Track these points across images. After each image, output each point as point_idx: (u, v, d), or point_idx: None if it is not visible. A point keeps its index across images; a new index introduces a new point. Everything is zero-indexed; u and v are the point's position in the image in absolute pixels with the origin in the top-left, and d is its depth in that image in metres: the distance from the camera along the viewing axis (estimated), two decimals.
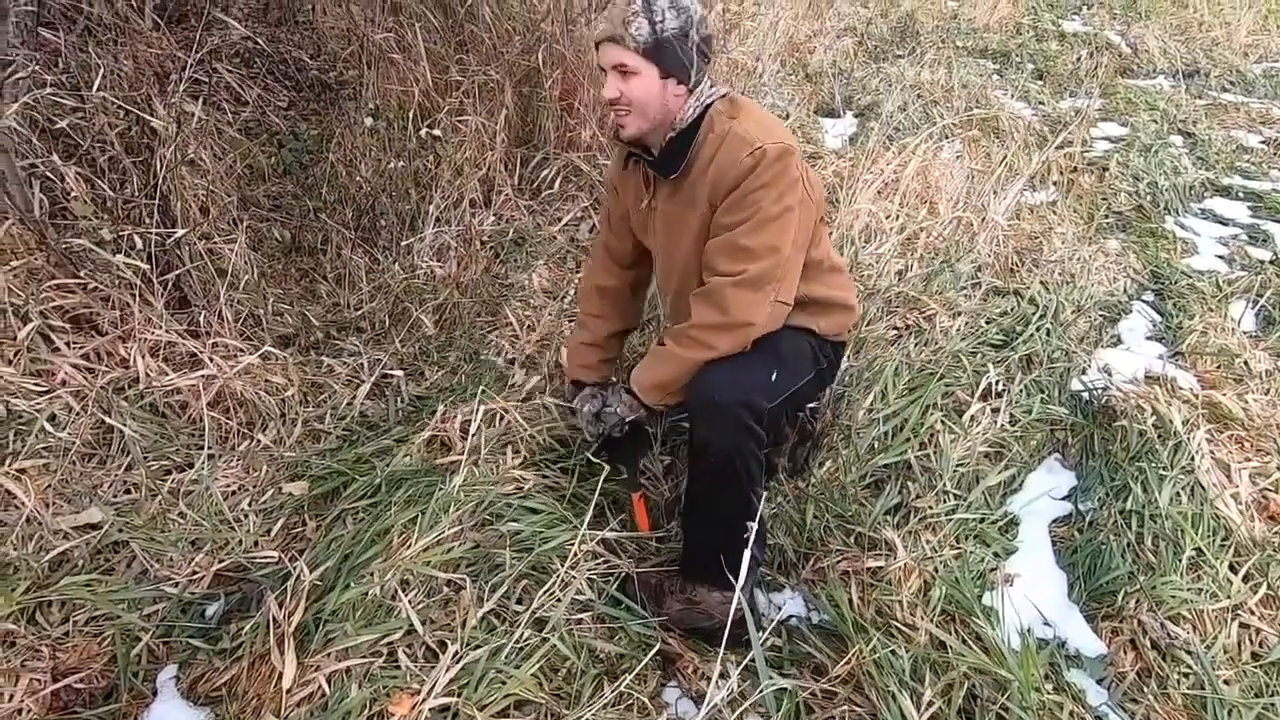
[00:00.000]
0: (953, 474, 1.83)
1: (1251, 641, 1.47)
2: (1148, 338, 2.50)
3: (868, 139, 3.41)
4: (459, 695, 1.26)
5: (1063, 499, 1.87)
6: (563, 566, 1.47)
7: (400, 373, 2.19)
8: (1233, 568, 1.59)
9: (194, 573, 1.60)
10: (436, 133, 2.90)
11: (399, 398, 2.12)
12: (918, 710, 1.31)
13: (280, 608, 1.38)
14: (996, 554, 1.68)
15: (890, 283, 2.46)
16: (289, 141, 2.97)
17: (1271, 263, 2.95)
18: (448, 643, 1.33)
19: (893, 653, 1.40)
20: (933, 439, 1.91)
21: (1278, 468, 1.83)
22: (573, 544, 1.51)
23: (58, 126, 2.06)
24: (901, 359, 2.11)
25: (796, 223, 1.44)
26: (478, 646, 1.32)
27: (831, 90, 4.41)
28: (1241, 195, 3.58)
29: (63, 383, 1.78)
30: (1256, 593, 1.54)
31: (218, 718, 1.33)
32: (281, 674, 1.29)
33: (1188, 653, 1.44)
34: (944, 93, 4.42)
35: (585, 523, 1.51)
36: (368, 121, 2.96)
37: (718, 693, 1.36)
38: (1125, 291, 2.74)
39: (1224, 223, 3.34)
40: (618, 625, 1.48)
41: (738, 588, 0.96)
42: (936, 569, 1.58)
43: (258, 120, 2.97)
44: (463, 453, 1.67)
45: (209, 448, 1.85)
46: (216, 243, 2.30)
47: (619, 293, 1.81)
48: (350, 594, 1.39)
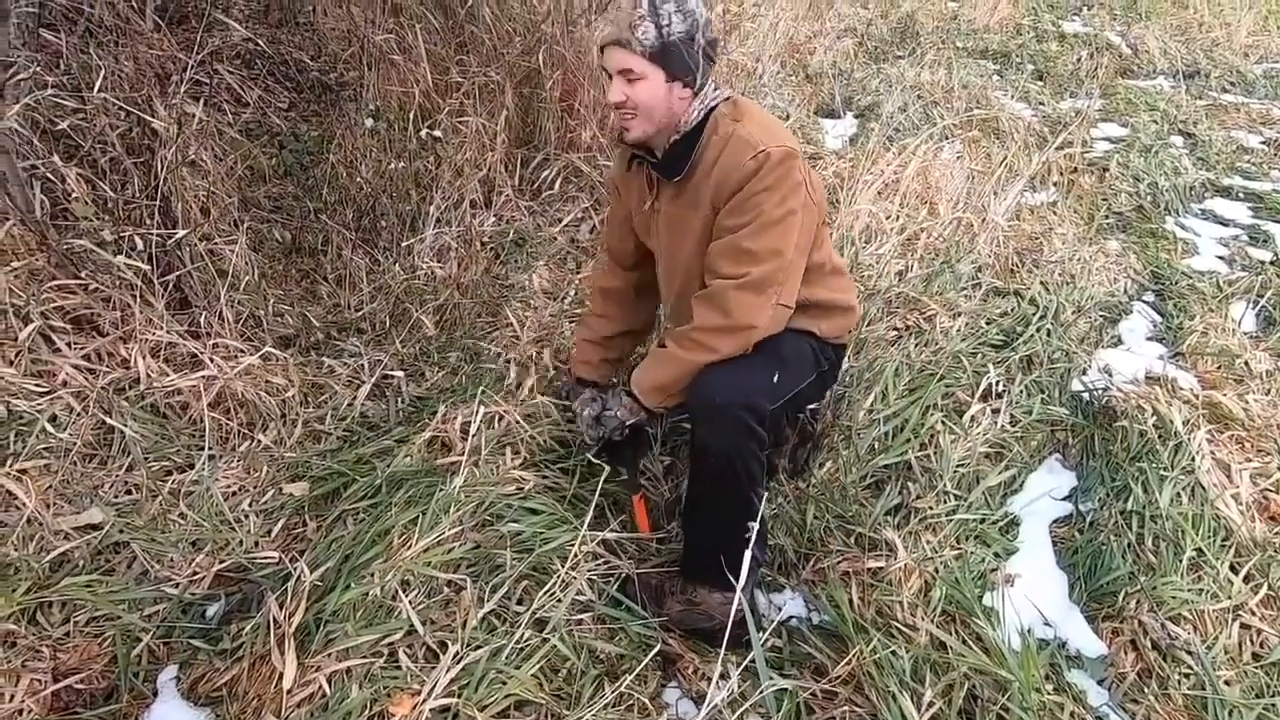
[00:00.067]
0: (953, 474, 1.83)
1: (1252, 642, 1.47)
2: (1148, 338, 2.50)
3: (868, 140, 3.41)
4: (459, 696, 1.26)
5: (1063, 499, 1.87)
6: (563, 567, 1.47)
7: (401, 373, 2.19)
8: (1233, 568, 1.59)
9: (195, 573, 1.60)
10: (437, 134, 2.90)
11: (399, 398, 2.12)
12: (918, 711, 1.31)
13: (281, 608, 1.39)
14: (997, 554, 1.68)
15: (890, 283, 2.46)
16: (290, 142, 2.97)
17: (1272, 263, 2.95)
18: (448, 643, 1.33)
19: (893, 653, 1.40)
20: (933, 439, 1.91)
21: (1278, 468, 1.83)
22: (573, 545, 1.51)
23: (59, 128, 2.06)
24: (902, 359, 2.11)
25: (799, 226, 1.44)
26: (478, 647, 1.33)
27: (832, 91, 4.41)
28: (1242, 196, 3.58)
29: (64, 383, 1.78)
30: (1257, 593, 1.53)
31: (218, 718, 1.33)
32: (282, 674, 1.29)
33: (1188, 653, 1.44)
34: (944, 93, 4.42)
35: (586, 523, 1.51)
36: (368, 122, 2.96)
37: (718, 693, 1.36)
38: (1126, 292, 2.74)
39: (1224, 223, 3.34)
40: (618, 626, 1.48)
41: (738, 589, 0.96)
42: (937, 569, 1.58)
43: (258, 121, 2.98)
44: (463, 453, 1.67)
45: (209, 448, 1.85)
46: (217, 243, 2.30)
47: (621, 293, 1.82)
48: (351, 594, 1.39)
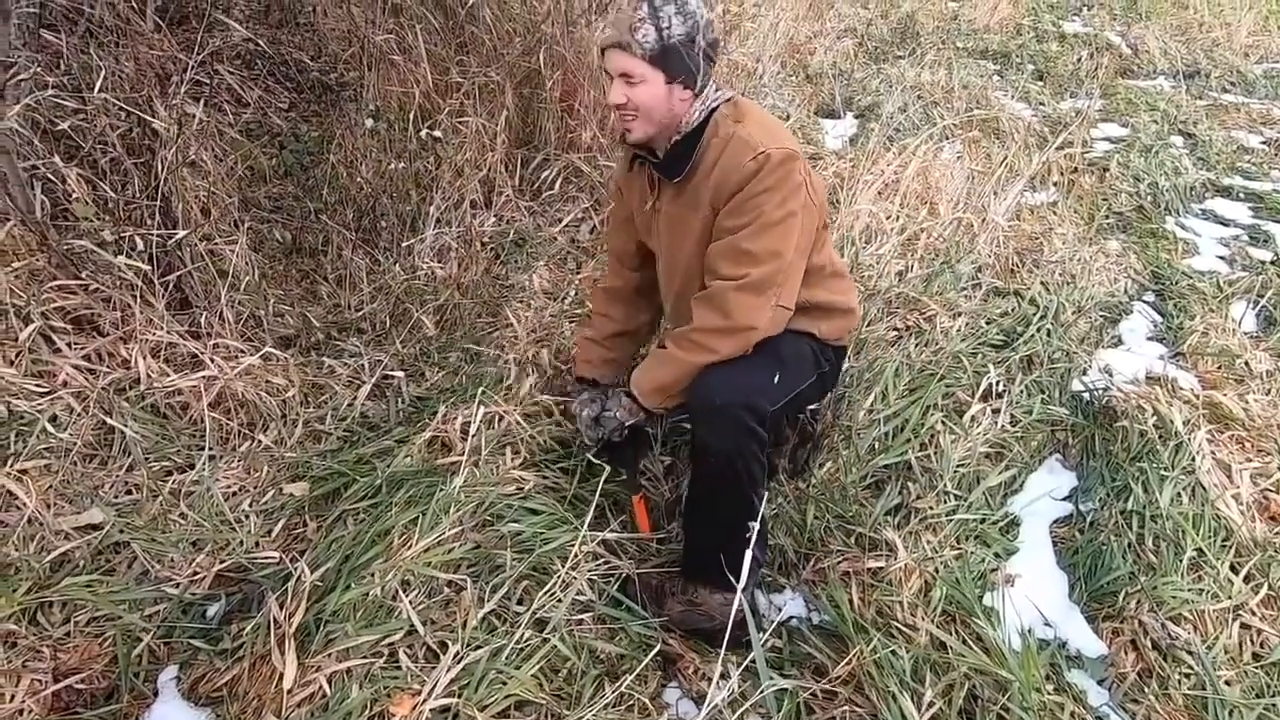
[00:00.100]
0: (953, 474, 1.83)
1: (1252, 642, 1.47)
2: (1148, 338, 2.50)
3: (868, 140, 3.41)
4: (459, 696, 1.27)
5: (1063, 499, 1.87)
6: (563, 567, 1.47)
7: (401, 374, 2.19)
8: (1234, 568, 1.59)
9: (195, 573, 1.60)
10: (437, 134, 2.90)
11: (400, 399, 2.12)
12: (918, 711, 1.31)
13: (281, 608, 1.39)
14: (997, 554, 1.68)
15: (890, 283, 2.46)
16: (290, 143, 2.98)
17: (1272, 263, 2.94)
18: (448, 643, 1.33)
19: (893, 653, 1.40)
20: (933, 439, 1.91)
21: (1278, 468, 1.83)
22: (573, 545, 1.51)
23: (59, 128, 2.06)
24: (902, 360, 2.11)
25: (799, 228, 1.44)
26: (478, 647, 1.33)
27: (832, 91, 4.41)
28: (1242, 196, 3.58)
29: (64, 384, 1.78)
30: (1257, 593, 1.53)
31: (218, 718, 1.33)
32: (282, 674, 1.29)
33: (1189, 653, 1.44)
34: (944, 94, 4.42)
35: (586, 524, 1.51)
36: (368, 123, 2.96)
37: (718, 693, 1.36)
38: (1126, 292, 2.74)
39: (1225, 223, 3.34)
40: (618, 626, 1.48)
41: (739, 589, 0.96)
42: (937, 569, 1.58)
43: (259, 122, 2.98)
44: (463, 453, 1.67)
45: (210, 448, 1.85)
46: (217, 244, 2.31)
47: (624, 294, 1.82)
48: (351, 594, 1.39)
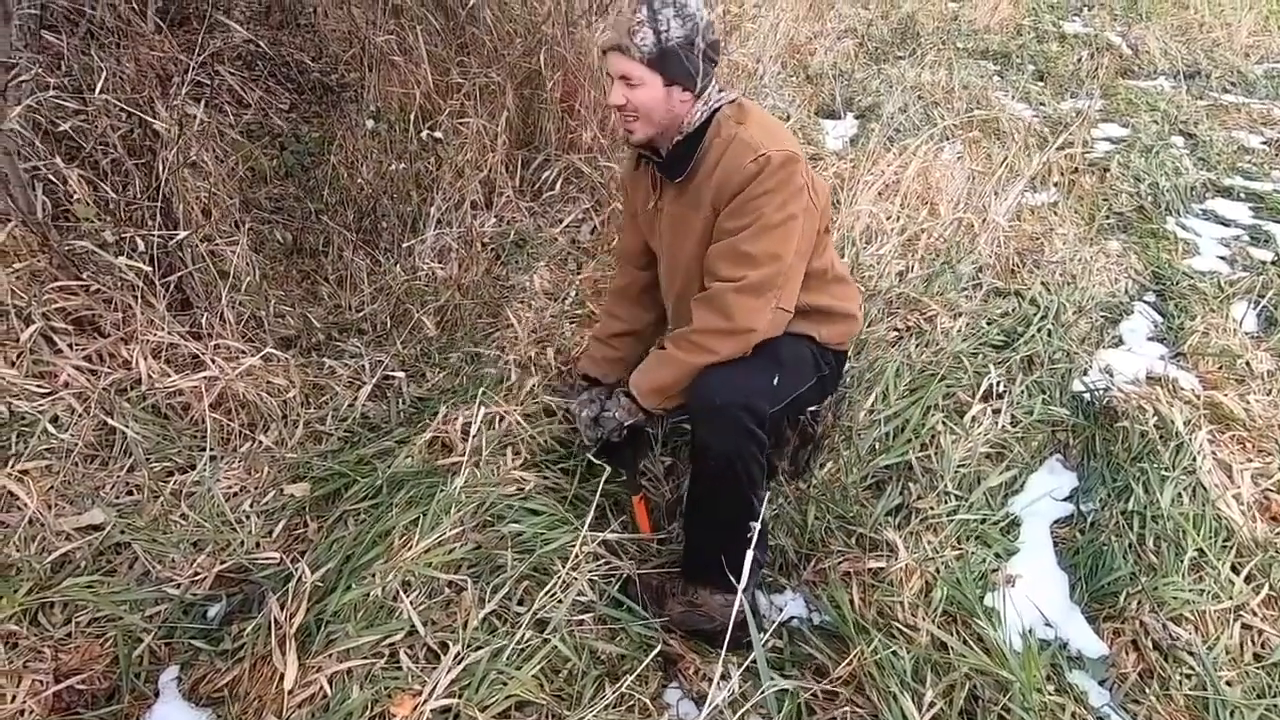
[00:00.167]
0: (954, 475, 1.83)
1: (1253, 643, 1.47)
2: (1149, 338, 2.50)
3: (868, 140, 3.42)
4: (460, 696, 1.27)
5: (1064, 500, 1.86)
6: (564, 568, 1.47)
7: (401, 374, 2.19)
8: (1234, 569, 1.59)
9: (196, 574, 1.60)
10: (438, 135, 2.90)
11: (400, 399, 2.12)
12: (919, 711, 1.31)
13: (282, 609, 1.39)
14: (998, 555, 1.68)
15: (891, 284, 2.46)
16: (291, 144, 2.98)
17: (1273, 263, 2.94)
18: (449, 644, 1.33)
19: (894, 654, 1.40)
20: (934, 440, 1.91)
21: (1279, 468, 1.83)
22: (574, 545, 1.51)
23: (60, 129, 2.07)
24: (902, 360, 2.11)
25: (799, 230, 1.44)
26: (479, 647, 1.33)
27: (832, 92, 4.41)
28: (1243, 196, 3.58)
29: (65, 384, 1.79)
30: (1258, 594, 1.53)
31: (219, 719, 1.33)
32: (283, 675, 1.29)
33: (1189, 654, 1.44)
34: (945, 94, 4.42)
35: (586, 524, 1.51)
36: (369, 124, 2.97)
37: (719, 694, 1.36)
38: (1126, 292, 2.74)
39: (1225, 223, 3.34)
40: (619, 626, 1.48)
41: (739, 590, 0.96)
42: (938, 570, 1.58)
43: (259, 123, 2.98)
44: (464, 454, 1.67)
45: (211, 449, 1.85)
46: (218, 245, 2.31)
47: (630, 293, 1.82)
48: (352, 595, 1.39)
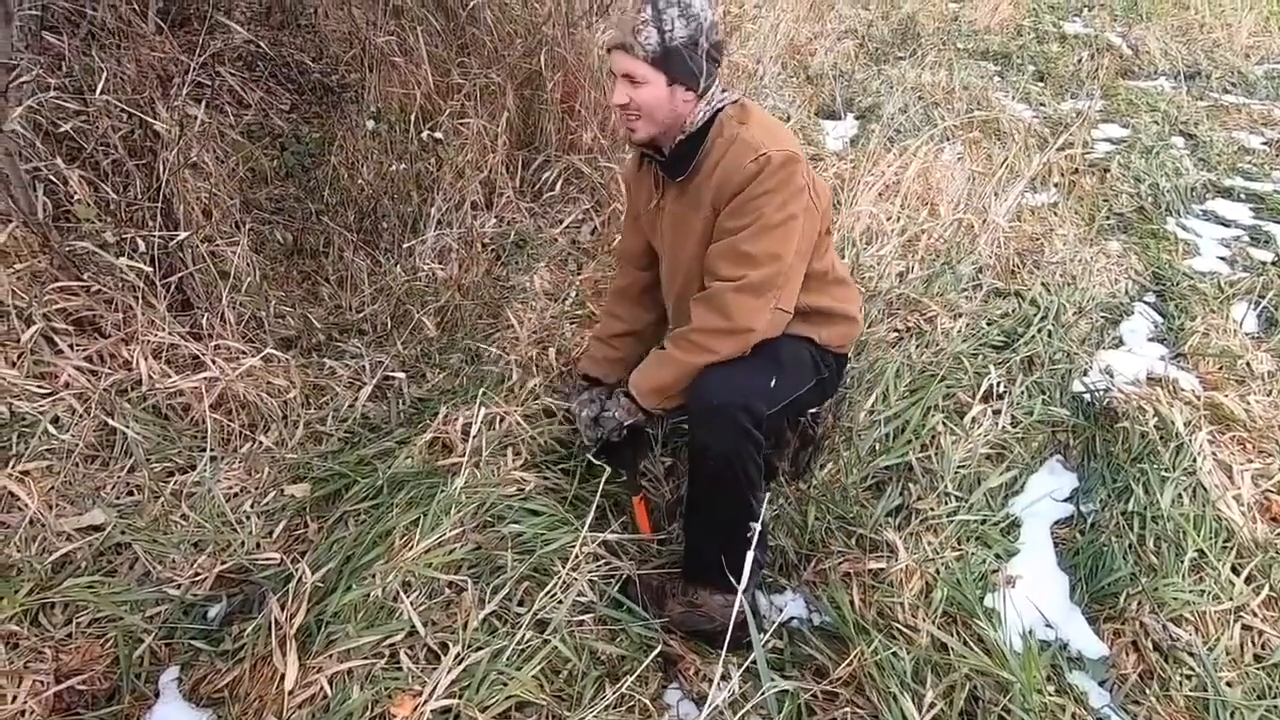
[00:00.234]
0: (954, 475, 1.83)
1: (1254, 643, 1.47)
2: (1149, 339, 2.50)
3: (869, 141, 3.42)
4: (460, 697, 1.27)
5: (1064, 501, 1.86)
6: (564, 568, 1.47)
7: (402, 375, 2.20)
8: (1235, 569, 1.58)
9: (196, 574, 1.60)
10: (438, 135, 2.90)
11: (400, 400, 2.12)
12: (919, 712, 1.31)
13: (282, 609, 1.39)
14: (998, 555, 1.68)
15: (891, 284, 2.46)
16: (291, 144, 2.98)
17: (1273, 264, 2.94)
18: (449, 644, 1.33)
19: (894, 654, 1.40)
20: (934, 441, 1.91)
21: (1279, 469, 1.83)
22: (574, 546, 1.51)
23: (61, 130, 2.07)
24: (903, 360, 2.11)
25: (799, 231, 1.44)
26: (479, 648, 1.33)
27: (832, 92, 4.41)
28: (1243, 196, 3.57)
29: (66, 385, 1.79)
30: (1259, 594, 1.53)
31: (220, 719, 1.33)
32: (283, 675, 1.29)
33: (1190, 654, 1.44)
34: (945, 94, 4.42)
35: (587, 525, 1.51)
36: (369, 124, 2.97)
37: (719, 694, 1.36)
38: (1127, 293, 2.74)
39: (1226, 224, 3.34)
40: (619, 627, 1.48)
41: (740, 590, 0.96)
42: (938, 571, 1.58)
43: (260, 123, 2.98)
44: (464, 455, 1.67)
45: (211, 450, 1.85)
46: (219, 245, 2.31)
47: (632, 293, 1.82)
48: (352, 595, 1.39)
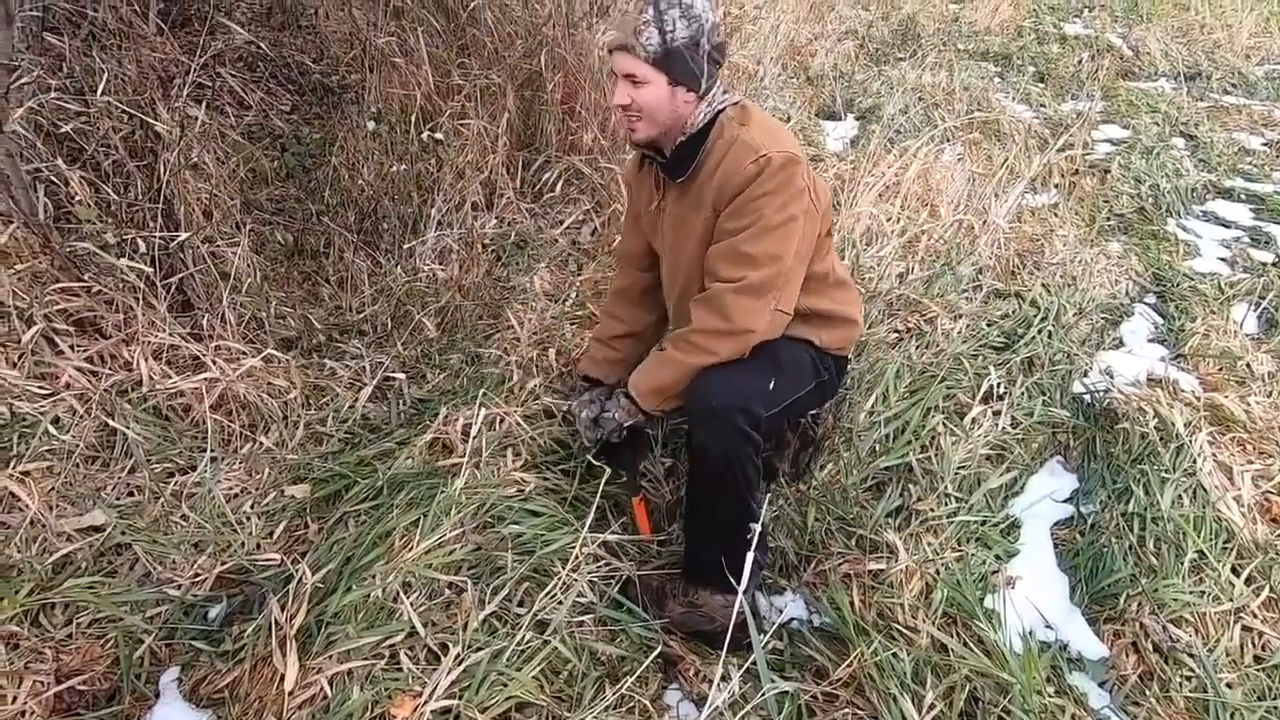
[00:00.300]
0: (954, 476, 1.83)
1: (1254, 644, 1.47)
2: (1149, 340, 2.50)
3: (869, 142, 3.42)
4: (460, 697, 1.27)
5: (1064, 501, 1.86)
6: (564, 569, 1.47)
7: (402, 375, 2.20)
8: (1235, 570, 1.58)
9: (196, 575, 1.60)
10: (438, 136, 2.91)
11: (401, 400, 2.12)
12: (919, 713, 1.31)
13: (282, 610, 1.39)
14: (998, 556, 1.68)
15: (891, 285, 2.46)
16: (292, 145, 2.98)
17: (1273, 265, 2.94)
18: (449, 645, 1.33)
19: (894, 655, 1.40)
20: (934, 441, 1.91)
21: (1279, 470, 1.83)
22: (574, 547, 1.51)
23: (62, 130, 2.07)
24: (903, 361, 2.11)
25: (799, 232, 1.44)
26: (479, 649, 1.33)
27: (833, 93, 4.42)
28: (1243, 197, 3.57)
29: (66, 385, 1.79)
30: (1259, 596, 1.53)
31: (220, 719, 1.33)
32: (283, 676, 1.29)
33: (1190, 656, 1.43)
34: (945, 95, 4.42)
35: (587, 525, 1.51)
36: (370, 125, 2.97)
37: (719, 695, 1.36)
38: (1127, 294, 2.74)
39: (1226, 225, 3.33)
40: (619, 628, 1.48)
41: (740, 591, 0.96)
42: (938, 572, 1.58)
43: (261, 124, 2.99)
44: (464, 455, 1.67)
45: (211, 450, 1.85)
46: (219, 246, 2.31)
47: (632, 294, 1.82)
48: (352, 596, 1.39)
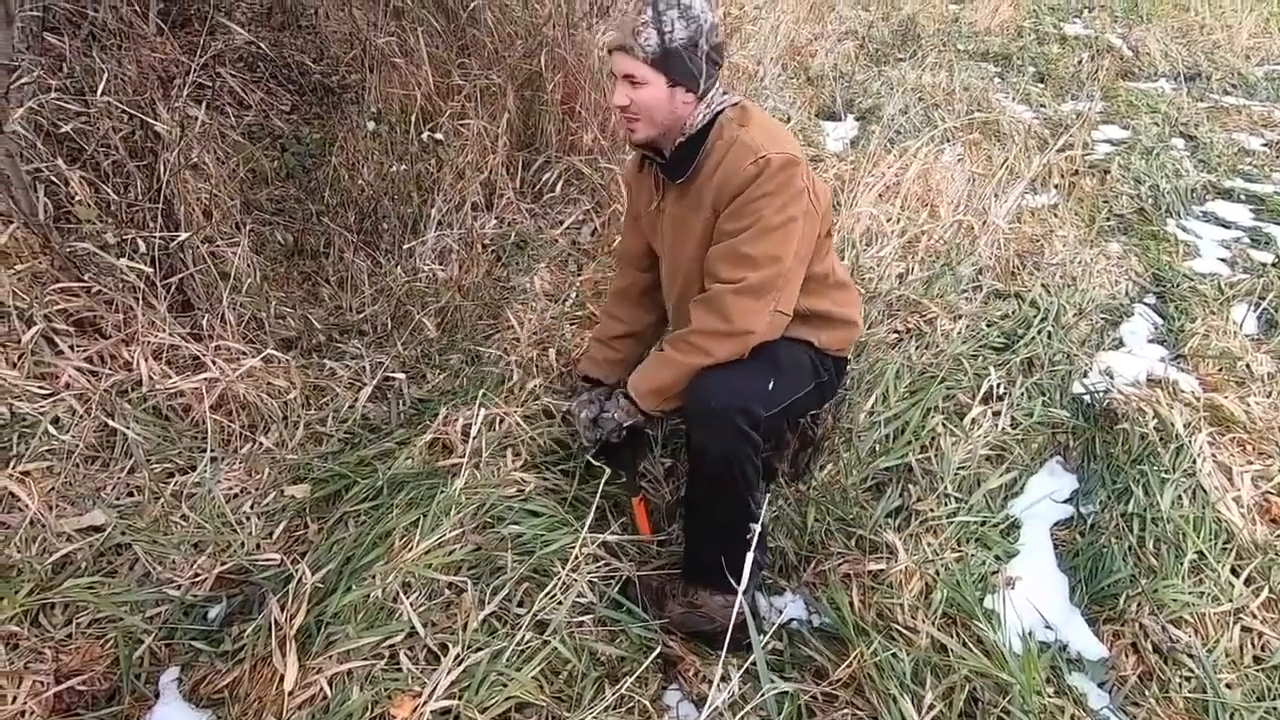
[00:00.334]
0: (954, 477, 1.83)
1: (1253, 645, 1.47)
2: (1149, 340, 2.50)
3: (869, 142, 3.42)
4: (460, 698, 1.27)
5: (1064, 502, 1.86)
6: (564, 569, 1.47)
7: (402, 375, 2.20)
8: (1234, 571, 1.58)
9: (196, 575, 1.60)
10: (438, 136, 2.91)
11: (401, 400, 2.12)
12: (919, 713, 1.31)
13: (282, 610, 1.39)
14: (998, 557, 1.68)
15: (891, 286, 2.46)
16: (292, 145, 2.98)
17: (1273, 265, 2.94)
18: (449, 645, 1.33)
19: (894, 656, 1.40)
20: (934, 442, 1.91)
21: (1279, 471, 1.83)
22: (574, 547, 1.51)
23: (62, 131, 2.07)
24: (903, 362, 2.11)
25: (799, 233, 1.44)
26: (479, 649, 1.33)
27: (833, 93, 4.42)
28: (1243, 198, 3.57)
29: (66, 385, 1.79)
30: (1258, 596, 1.53)
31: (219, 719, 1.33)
32: (283, 676, 1.29)
33: (1189, 656, 1.44)
34: (945, 96, 4.42)
35: (586, 526, 1.51)
36: (370, 125, 2.97)
37: (719, 696, 1.36)
38: (1127, 294, 2.74)
39: (1226, 225, 3.33)
40: (619, 628, 1.48)
41: (740, 591, 0.96)
42: (938, 572, 1.58)
43: (261, 124, 2.99)
44: (464, 455, 1.67)
45: (211, 450, 1.85)
46: (219, 246, 2.31)
47: (632, 295, 1.82)
48: (352, 596, 1.39)
